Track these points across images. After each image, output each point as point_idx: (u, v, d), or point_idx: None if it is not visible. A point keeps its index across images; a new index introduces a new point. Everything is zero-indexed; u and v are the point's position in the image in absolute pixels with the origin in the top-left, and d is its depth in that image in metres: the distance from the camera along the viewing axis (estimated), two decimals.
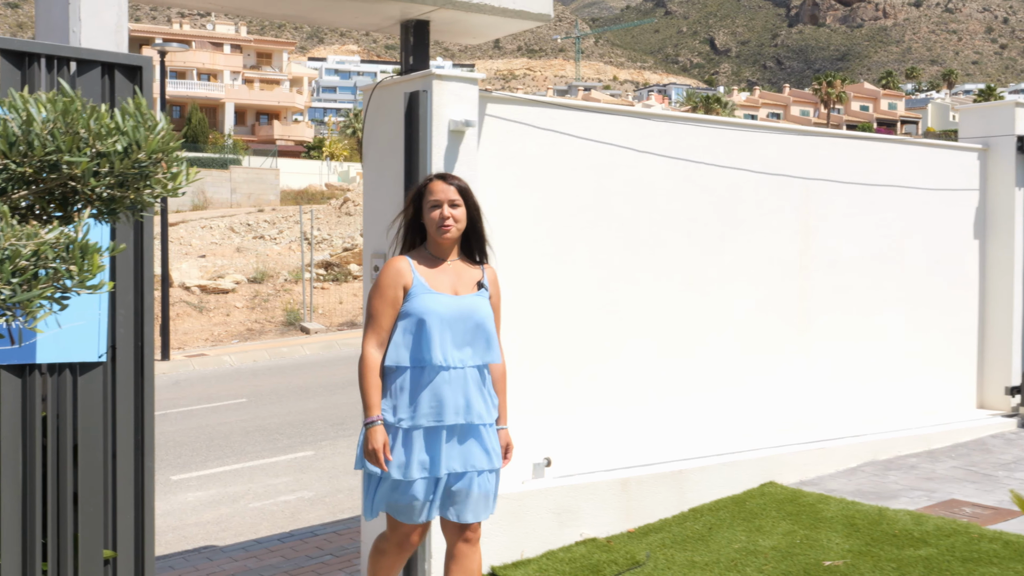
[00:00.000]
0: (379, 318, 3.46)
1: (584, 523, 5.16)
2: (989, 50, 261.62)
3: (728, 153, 6.14)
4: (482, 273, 3.62)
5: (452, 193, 3.52)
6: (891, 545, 4.74)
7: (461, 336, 3.46)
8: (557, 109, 5.43)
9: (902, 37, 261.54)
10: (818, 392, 6.52)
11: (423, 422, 3.40)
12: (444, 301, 3.45)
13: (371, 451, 3.37)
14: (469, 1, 4.70)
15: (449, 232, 3.51)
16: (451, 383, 3.43)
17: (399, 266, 3.50)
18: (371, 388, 3.42)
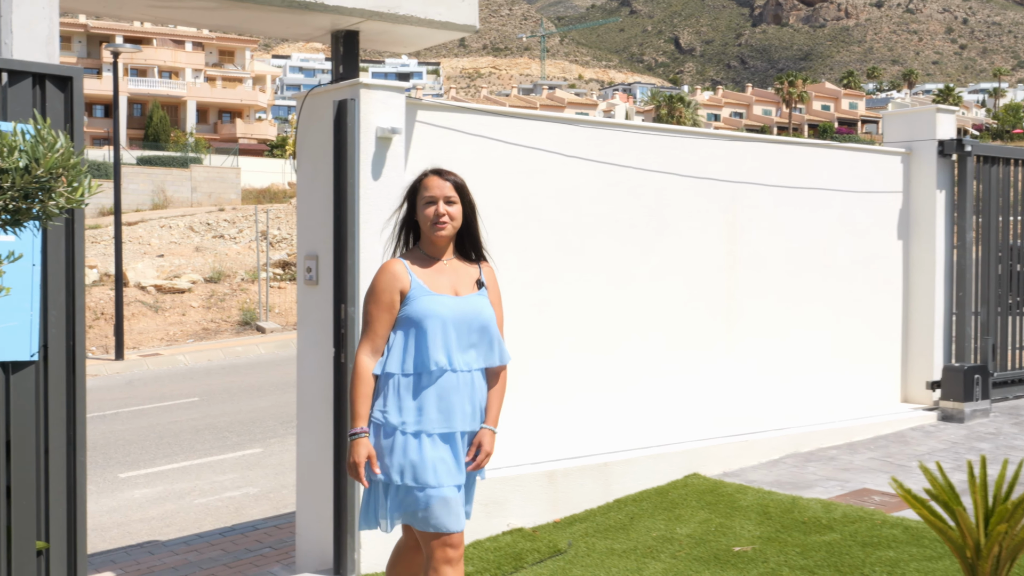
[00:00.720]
0: (374, 325, 3.32)
1: (511, 514, 5.38)
2: (949, 50, 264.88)
3: (656, 157, 6.37)
4: (479, 271, 3.48)
5: (448, 189, 3.38)
6: (799, 531, 4.99)
7: (466, 338, 3.33)
8: (486, 116, 5.64)
9: (864, 37, 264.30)
10: (744, 387, 6.78)
11: (433, 428, 3.27)
12: (447, 302, 3.32)
13: (351, 464, 3.24)
14: (396, 13, 4.89)
15: (444, 230, 3.36)
16: (458, 388, 3.30)
17: (394, 269, 3.35)
18: (360, 398, 3.28)
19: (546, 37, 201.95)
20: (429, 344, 3.27)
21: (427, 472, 3.23)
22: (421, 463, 3.23)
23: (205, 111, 68.05)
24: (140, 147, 51.09)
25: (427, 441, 3.25)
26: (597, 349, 6.03)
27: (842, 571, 4.42)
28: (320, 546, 5.07)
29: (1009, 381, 8.14)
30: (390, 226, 4.82)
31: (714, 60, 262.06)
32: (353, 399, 3.29)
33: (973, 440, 6.88)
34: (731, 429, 6.59)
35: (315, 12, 4.74)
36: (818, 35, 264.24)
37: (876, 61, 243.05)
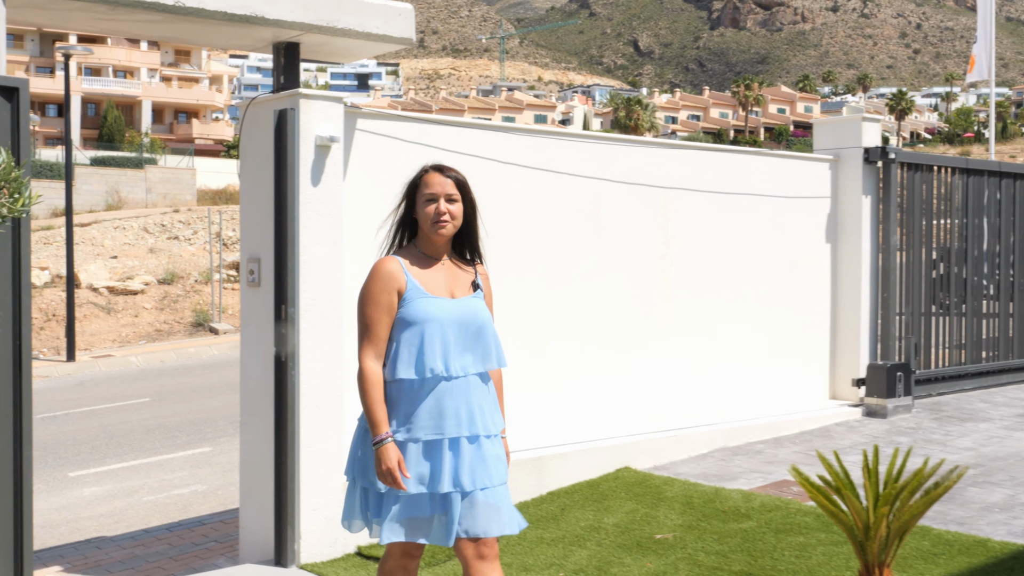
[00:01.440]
0: (375, 327, 3.20)
1: None
2: (903, 55, 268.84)
3: (591, 164, 6.63)
4: (475, 273, 3.38)
5: (449, 187, 3.29)
6: (719, 520, 5.27)
7: (462, 342, 3.23)
8: (424, 124, 5.86)
9: (820, 41, 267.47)
10: (677, 383, 7.05)
11: (420, 435, 3.17)
12: (444, 305, 3.23)
13: (385, 471, 3.10)
14: (335, 27, 5.10)
15: (445, 229, 3.26)
16: (452, 393, 3.19)
17: (390, 268, 3.23)
18: (375, 403, 3.16)
19: (505, 39, 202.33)
20: (426, 349, 3.17)
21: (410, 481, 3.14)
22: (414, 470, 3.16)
23: (161, 111, 67.54)
24: (94, 147, 50.63)
25: (412, 450, 3.16)
26: (533, 348, 6.28)
27: (754, 555, 4.70)
28: (262, 538, 5.27)
29: (932, 379, 8.50)
30: (375, 226, 5.05)
31: (672, 63, 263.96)
32: (369, 406, 3.17)
33: (893, 434, 7.22)
34: (663, 424, 6.86)
35: (257, 25, 4.94)
36: (775, 39, 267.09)
37: (832, 65, 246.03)
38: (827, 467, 3.95)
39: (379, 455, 3.11)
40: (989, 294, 9.17)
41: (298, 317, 5.05)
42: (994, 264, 9.15)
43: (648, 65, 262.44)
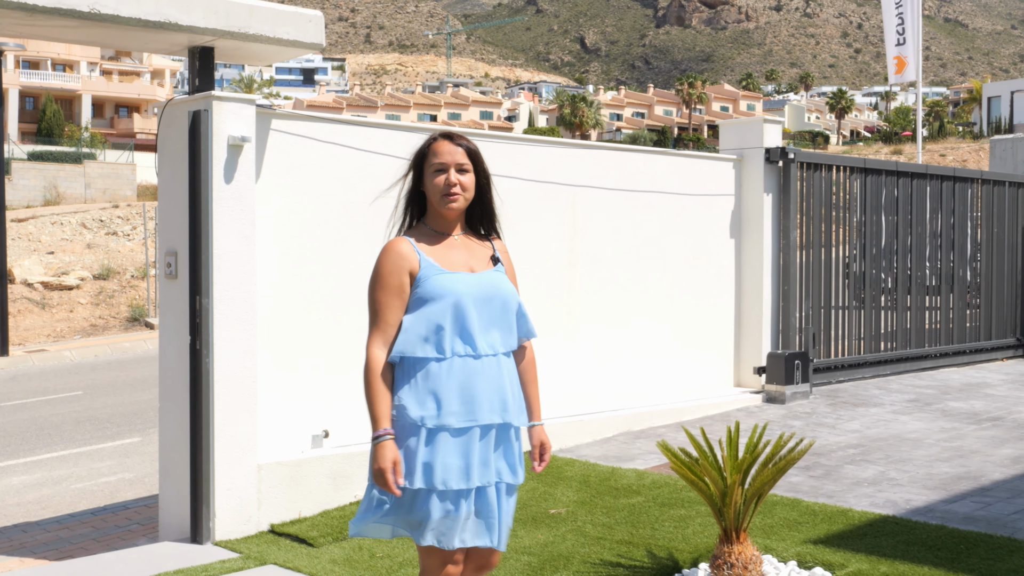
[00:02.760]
0: (384, 312, 2.97)
1: (359, 486, 5.92)
2: (845, 54, 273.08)
3: (501, 162, 6.96)
4: (492, 248, 3.15)
5: (460, 156, 3.04)
6: (611, 496, 5.65)
7: (488, 319, 2.99)
8: (337, 124, 6.17)
9: (764, 40, 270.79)
10: (583, 372, 7.43)
11: (451, 421, 2.90)
12: (464, 280, 2.98)
13: (377, 471, 2.86)
14: (246, 33, 5.39)
15: (456, 202, 3.02)
16: (483, 374, 2.95)
17: (400, 248, 2.99)
18: (378, 397, 2.92)
19: (452, 35, 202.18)
20: (448, 326, 2.93)
21: (435, 476, 2.89)
22: (433, 466, 2.89)
23: (101, 105, 66.71)
24: (33, 142, 49.92)
25: (442, 438, 2.90)
26: None
27: (636, 527, 5.08)
28: (180, 518, 5.54)
29: (832, 367, 8.98)
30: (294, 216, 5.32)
31: (619, 60, 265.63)
32: (370, 398, 2.93)
33: (788, 418, 7.67)
34: (570, 410, 7.23)
35: (171, 31, 5.21)
36: (720, 37, 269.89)
37: (775, 63, 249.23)
38: (693, 442, 4.35)
39: (375, 452, 2.88)
40: (888, 288, 9.68)
41: (212, 308, 5.33)
42: (892, 260, 9.66)
43: (595, 62, 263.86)
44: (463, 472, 2.90)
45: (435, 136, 3.12)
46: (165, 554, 5.21)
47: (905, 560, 4.34)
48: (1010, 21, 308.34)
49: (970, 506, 5.19)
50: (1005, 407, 7.98)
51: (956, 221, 10.28)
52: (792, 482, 5.82)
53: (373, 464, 2.89)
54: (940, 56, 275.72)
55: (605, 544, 4.85)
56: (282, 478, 5.63)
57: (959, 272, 10.38)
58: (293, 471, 5.68)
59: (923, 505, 5.23)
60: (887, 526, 4.86)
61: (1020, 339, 11.11)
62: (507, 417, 2.97)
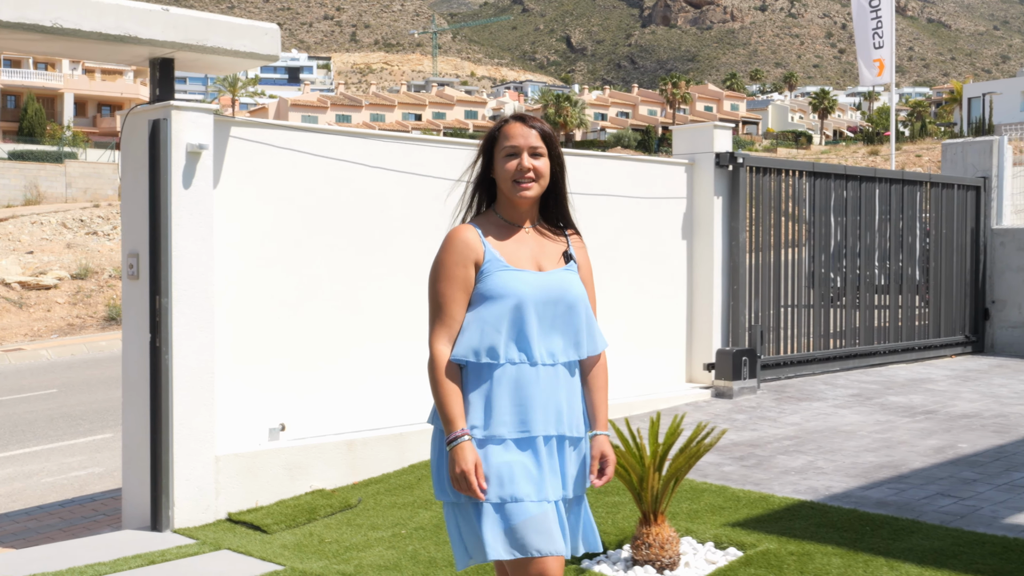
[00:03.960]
0: (448, 306, 2.76)
1: (314, 477, 6.22)
2: (829, 54, 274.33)
3: (458, 167, 7.26)
4: (567, 243, 2.91)
5: (533, 138, 2.81)
6: None
7: (550, 323, 2.77)
8: (295, 131, 6.46)
9: (749, 40, 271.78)
10: None
11: (503, 431, 2.70)
12: (528, 279, 2.76)
13: (459, 474, 2.64)
14: (204, 45, 5.67)
15: (530, 190, 2.80)
16: (539, 383, 2.74)
17: (465, 237, 2.77)
18: (450, 396, 2.70)
19: (438, 34, 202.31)
20: (504, 330, 2.73)
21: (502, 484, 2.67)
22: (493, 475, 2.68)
23: (84, 104, 66.71)
24: (14, 140, 49.98)
25: (496, 447, 2.70)
26: (400, 336, 6.90)
27: None
28: (142, 508, 5.82)
29: (781, 363, 9.32)
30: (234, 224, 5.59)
31: (605, 60, 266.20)
32: (441, 398, 2.71)
33: (734, 412, 8.00)
34: None
35: (131, 44, 5.49)
36: (705, 37, 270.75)
37: (760, 63, 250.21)
38: (618, 434, 4.66)
39: (453, 455, 2.65)
40: (838, 287, 10.03)
41: (171, 307, 5.61)
42: (841, 260, 10.00)
43: (581, 62, 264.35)
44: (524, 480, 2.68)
45: (506, 119, 2.88)
46: (126, 541, 5.49)
47: (812, 540, 4.66)
48: (992, 22, 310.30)
49: (885, 492, 5.52)
50: (942, 401, 8.33)
51: (905, 223, 10.63)
52: (725, 471, 6.14)
53: (452, 468, 2.65)
54: (923, 56, 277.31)
55: None
56: (240, 469, 5.91)
57: (908, 272, 10.73)
58: (250, 462, 5.96)
59: (841, 491, 5.56)
60: (804, 510, 5.18)
61: (969, 336, 11.48)
62: (562, 429, 2.74)
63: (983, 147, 11.75)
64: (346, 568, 4.72)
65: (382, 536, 5.22)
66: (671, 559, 4.48)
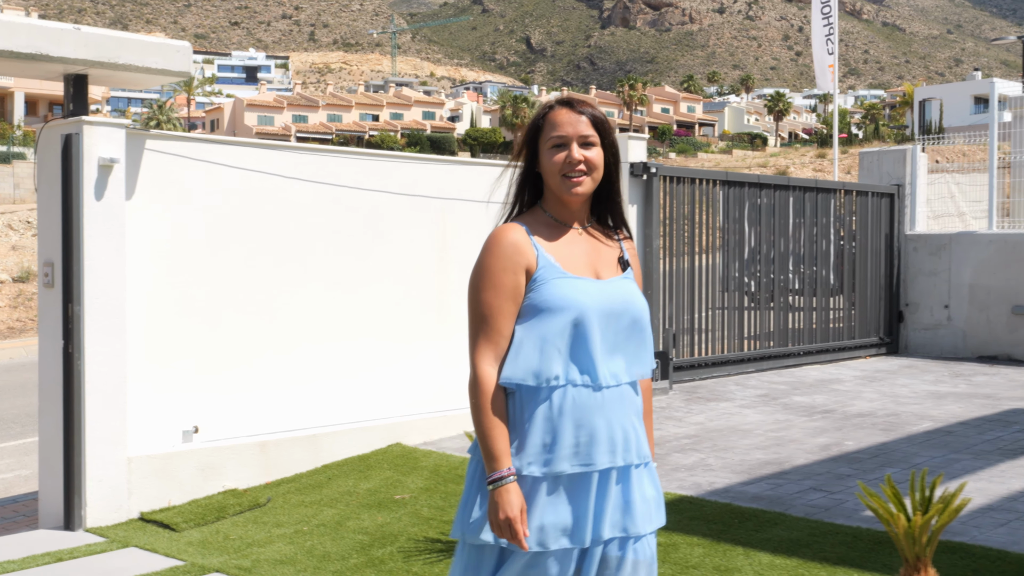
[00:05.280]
0: (495, 319, 2.40)
1: (227, 477, 6.46)
2: (786, 57, 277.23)
3: (372, 178, 7.54)
4: (620, 248, 2.56)
5: (584, 126, 2.44)
6: (455, 483, 6.25)
7: (612, 340, 2.42)
8: (212, 144, 6.69)
9: (707, 42, 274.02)
10: (454, 371, 8.01)
11: (564, 467, 2.37)
12: (589, 289, 2.42)
13: (503, 521, 2.31)
14: (116, 63, 5.89)
15: (581, 185, 2.43)
16: (604, 408, 2.40)
17: (514, 239, 2.42)
18: (497, 429, 2.36)
19: (396, 34, 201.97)
20: (564, 348, 2.39)
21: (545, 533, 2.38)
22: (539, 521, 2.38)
23: (35, 103, 66.01)
24: None
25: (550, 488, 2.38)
26: (318, 340, 7.15)
27: None
28: (56, 508, 6.02)
29: (695, 365, 9.68)
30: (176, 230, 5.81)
31: (564, 61, 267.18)
32: (486, 430, 2.36)
33: None
34: (437, 406, 7.82)
35: (44, 61, 5.70)
36: (664, 39, 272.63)
37: (718, 65, 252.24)
38: None
39: (498, 499, 2.31)
40: (752, 291, 10.41)
41: (83, 314, 5.83)
42: (756, 265, 10.39)
43: (540, 62, 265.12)
44: (571, 529, 2.38)
45: (551, 104, 2.51)
46: (38, 540, 5.71)
47: (682, 532, 4.99)
48: (946, 26, 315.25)
49: (763, 487, 5.87)
50: (842, 401, 8.73)
51: (820, 229, 11.05)
52: None
53: (494, 514, 2.32)
54: (878, 60, 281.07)
55: (433, 524, 5.44)
56: (153, 470, 6.14)
57: (823, 276, 11.15)
58: (163, 463, 6.20)
59: (723, 487, 5.90)
60: (682, 505, 5.51)
61: (883, 338, 11.93)
62: (628, 458, 2.43)
63: (897, 156, 12.21)
64: (243, 563, 4.97)
65: (284, 533, 5.48)
66: None
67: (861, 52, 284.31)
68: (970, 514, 5.25)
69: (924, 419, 7.88)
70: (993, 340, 11.51)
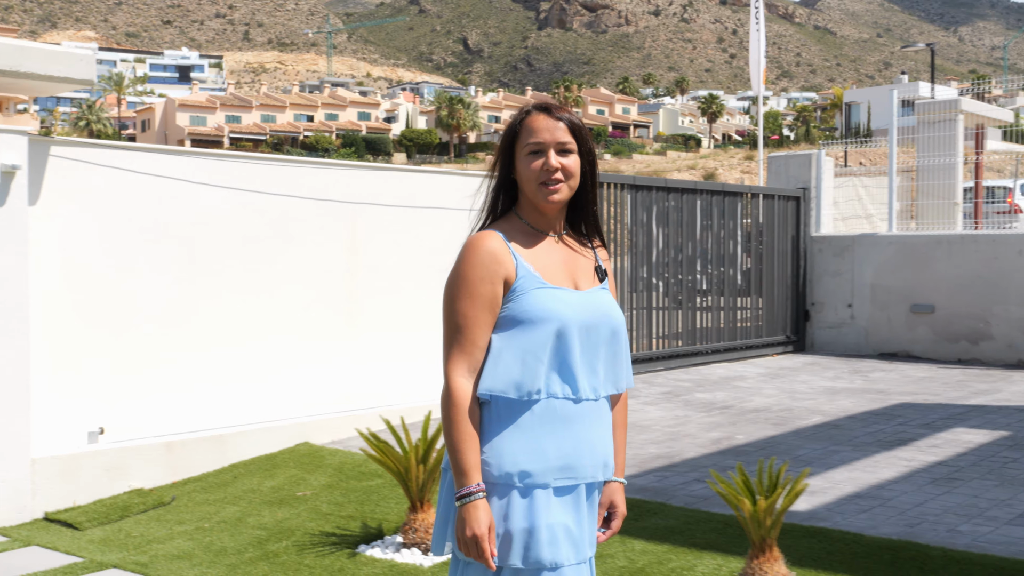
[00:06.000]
0: (470, 329, 2.37)
1: (133, 477, 6.58)
2: (720, 59, 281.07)
3: (282, 183, 7.70)
4: (595, 256, 2.53)
5: (561, 132, 2.41)
6: (356, 480, 6.45)
7: (592, 351, 2.40)
8: (119, 150, 6.81)
9: (643, 44, 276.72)
10: (363, 371, 8.20)
11: (546, 479, 2.33)
12: (569, 300, 2.39)
13: (470, 538, 2.27)
14: (18, 71, 6.00)
15: (558, 192, 2.39)
16: (584, 421, 2.38)
17: (491, 247, 2.37)
18: (468, 442, 2.31)
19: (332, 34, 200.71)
20: (546, 360, 2.35)
21: (541, 546, 2.32)
22: (535, 531, 2.31)
23: None
24: None
25: (541, 497, 2.33)
26: (228, 343, 7.29)
27: (365, 504, 5.89)
28: None
29: None
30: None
31: (501, 62, 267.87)
32: (455, 443, 2.32)
33: None
34: (347, 406, 8.01)
35: None
36: (600, 40, 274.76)
37: (654, 67, 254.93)
38: (391, 429, 5.17)
39: (465, 515, 2.28)
40: (661, 292, 10.75)
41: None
42: (665, 267, 10.73)
43: (478, 63, 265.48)
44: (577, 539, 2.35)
45: (528, 109, 2.46)
46: None
47: None
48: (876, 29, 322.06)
49: (651, 479, 6.17)
50: (742, 397, 9.09)
51: (727, 231, 11.43)
52: None
53: (461, 531, 2.29)
54: (811, 62, 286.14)
55: (331, 519, 5.64)
56: (58, 471, 6.25)
57: (731, 276, 11.54)
58: (69, 464, 6.30)
59: None
60: None
61: (790, 336, 12.37)
62: (608, 473, 2.44)
63: (803, 160, 12.66)
64: (141, 558, 5.13)
65: (185, 530, 5.64)
66: None
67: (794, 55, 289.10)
68: (838, 501, 5.60)
69: (815, 414, 8.26)
70: (893, 337, 12.00)
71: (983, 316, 11.27)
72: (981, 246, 11.34)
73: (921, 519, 5.23)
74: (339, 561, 4.92)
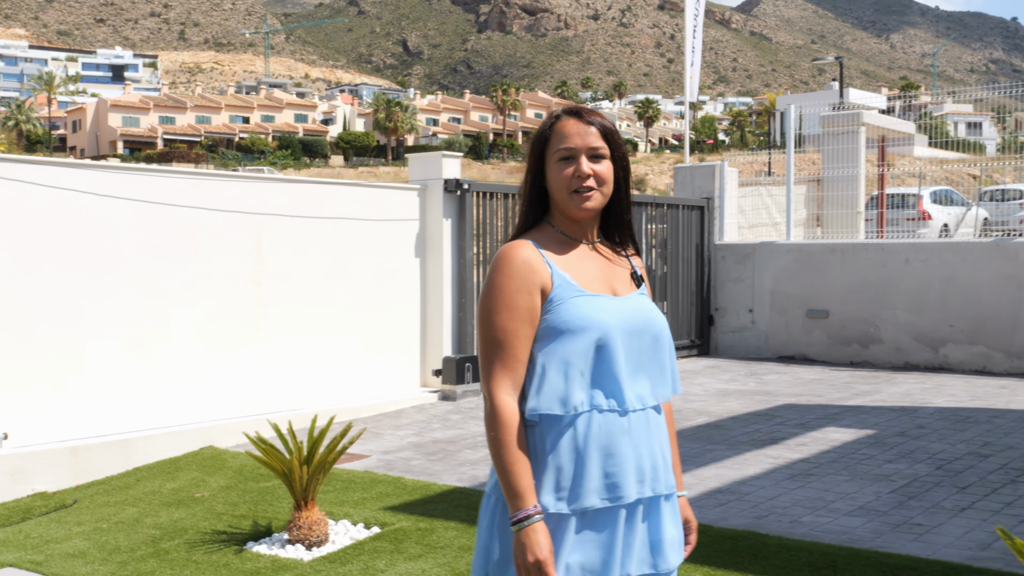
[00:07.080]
0: (510, 344, 2.24)
1: (37, 481, 6.81)
2: (658, 63, 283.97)
3: (187, 194, 7.96)
4: (630, 264, 2.45)
5: (593, 137, 2.31)
6: (253, 482, 6.74)
7: (636, 360, 2.30)
8: (21, 164, 7.03)
9: (582, 48, 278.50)
10: (272, 378, 8.50)
11: (593, 501, 2.21)
12: (608, 307, 2.29)
13: (532, 564, 2.14)
14: None
15: (591, 200, 2.30)
16: (631, 434, 2.26)
17: (526, 257, 2.27)
18: (521, 464, 2.18)
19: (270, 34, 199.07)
20: (588, 371, 2.25)
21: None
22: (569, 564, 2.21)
23: None
24: None
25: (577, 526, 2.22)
26: (129, 350, 7.54)
27: (258, 504, 6.19)
28: None
29: None
30: None
31: (441, 64, 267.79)
32: (507, 465, 2.18)
33: (452, 413, 8.97)
34: (253, 410, 8.29)
35: None
36: (540, 44, 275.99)
37: (593, 71, 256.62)
38: (278, 434, 5.49)
39: (524, 540, 2.14)
40: None
41: None
42: None
43: (417, 65, 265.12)
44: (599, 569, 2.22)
45: (557, 114, 2.38)
46: None
47: (443, 519, 5.62)
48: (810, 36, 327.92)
49: None
50: None
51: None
52: (411, 464, 7.07)
53: (521, 557, 2.15)
54: (747, 68, 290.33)
55: (224, 518, 5.95)
56: None
57: None
58: None
59: None
60: (454, 495, 6.15)
61: (695, 340, 12.88)
62: (657, 488, 2.29)
63: (707, 171, 13.19)
64: (37, 557, 5.38)
65: (83, 530, 5.90)
66: (319, 538, 5.35)
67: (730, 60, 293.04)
68: (698, 497, 6.04)
69: (702, 415, 8.73)
70: (791, 341, 12.57)
71: (873, 320, 11.88)
72: (871, 254, 11.95)
73: (770, 511, 5.69)
74: (225, 557, 5.23)
